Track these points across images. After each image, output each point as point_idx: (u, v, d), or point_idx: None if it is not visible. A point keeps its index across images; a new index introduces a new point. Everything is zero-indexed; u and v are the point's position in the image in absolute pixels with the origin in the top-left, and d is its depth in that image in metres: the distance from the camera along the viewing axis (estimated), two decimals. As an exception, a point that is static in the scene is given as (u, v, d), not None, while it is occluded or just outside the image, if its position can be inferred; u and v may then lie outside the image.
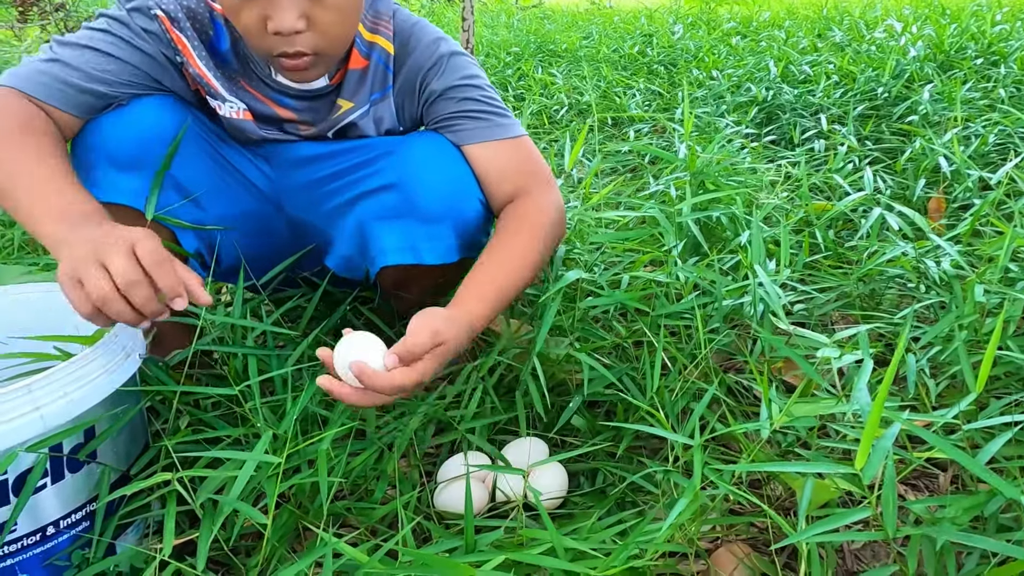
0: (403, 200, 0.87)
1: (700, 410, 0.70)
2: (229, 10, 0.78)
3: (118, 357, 0.70)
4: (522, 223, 0.87)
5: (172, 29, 0.84)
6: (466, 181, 0.88)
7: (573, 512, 0.83)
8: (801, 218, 1.35)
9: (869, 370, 0.62)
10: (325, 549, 0.61)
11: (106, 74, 0.81)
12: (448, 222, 0.87)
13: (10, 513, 0.63)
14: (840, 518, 0.57)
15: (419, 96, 0.92)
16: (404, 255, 0.88)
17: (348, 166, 0.92)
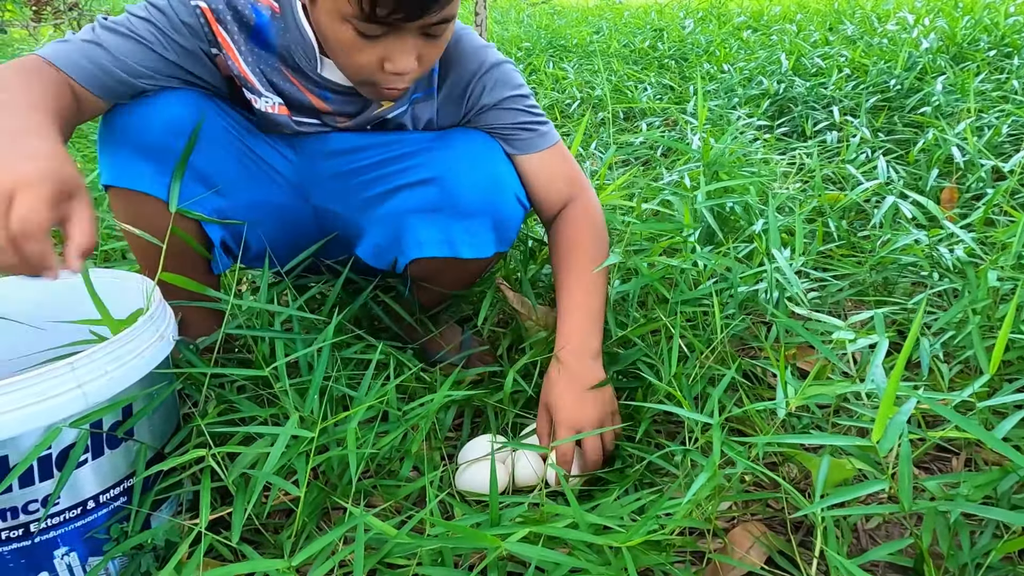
0: (442, 194, 0.89)
1: (720, 391, 0.72)
2: (340, 49, 0.78)
3: (153, 339, 0.72)
4: (582, 233, 0.94)
5: (216, 25, 0.85)
6: (505, 177, 0.91)
7: (591, 491, 0.85)
8: (814, 208, 1.36)
9: (885, 348, 0.64)
10: (355, 522, 0.63)
11: (143, 67, 0.83)
12: (486, 217, 0.90)
13: (54, 486, 0.66)
14: (856, 490, 0.58)
15: (465, 103, 0.94)
16: (441, 248, 0.91)
17: (383, 159, 0.94)
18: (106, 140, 0.86)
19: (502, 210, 0.91)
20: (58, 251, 0.62)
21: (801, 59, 2.46)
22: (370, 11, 0.72)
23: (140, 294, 0.83)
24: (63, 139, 0.70)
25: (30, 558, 0.67)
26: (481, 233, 0.91)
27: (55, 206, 0.60)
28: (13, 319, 0.86)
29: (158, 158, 0.85)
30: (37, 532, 0.67)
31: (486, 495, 0.82)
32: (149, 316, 0.73)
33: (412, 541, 0.64)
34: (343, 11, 0.73)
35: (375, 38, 0.76)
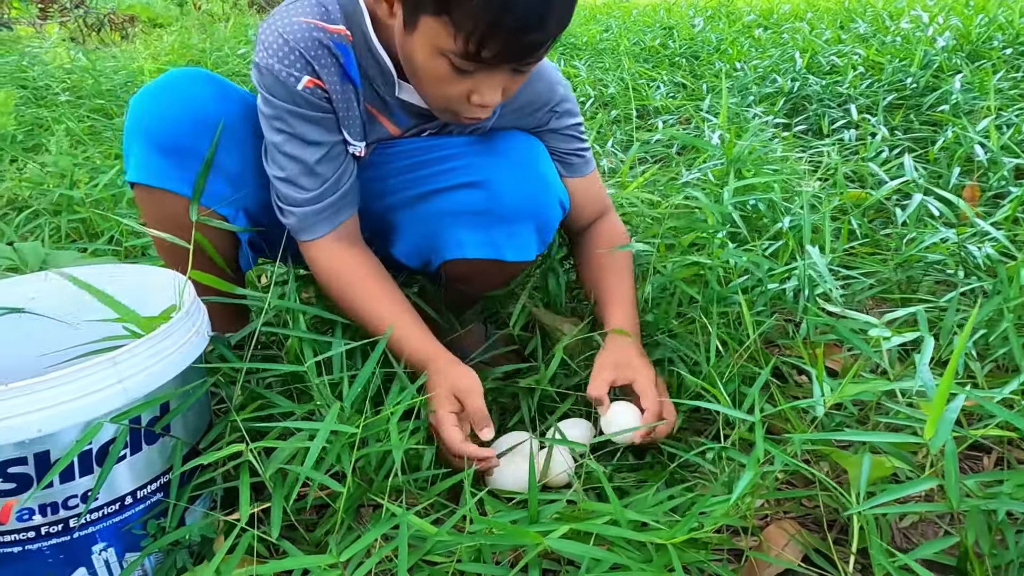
0: (488, 198, 0.89)
1: (757, 388, 0.72)
2: (431, 80, 0.78)
3: (189, 334, 0.72)
4: (616, 238, 1.04)
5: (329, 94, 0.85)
6: (550, 180, 0.91)
7: (622, 487, 0.84)
8: (836, 206, 1.35)
9: (931, 348, 0.63)
10: (397, 521, 0.63)
11: (338, 160, 0.88)
12: (530, 221, 0.90)
13: (93, 482, 0.66)
14: (903, 489, 0.58)
15: (534, 123, 0.97)
16: (483, 250, 0.91)
17: (424, 160, 0.93)
18: (132, 136, 0.86)
19: (546, 213, 0.91)
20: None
21: (815, 57, 2.45)
22: (475, 52, 0.72)
23: (171, 290, 0.82)
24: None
25: (69, 553, 0.67)
26: (524, 236, 0.91)
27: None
28: (45, 315, 0.86)
29: (184, 155, 0.85)
30: (76, 527, 0.67)
31: (515, 492, 0.82)
32: (185, 312, 0.73)
33: (453, 539, 0.63)
34: (444, 47, 0.73)
35: (468, 73, 0.76)
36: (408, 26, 0.75)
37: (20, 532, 0.65)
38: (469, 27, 0.70)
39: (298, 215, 0.88)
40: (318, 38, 0.82)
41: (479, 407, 0.83)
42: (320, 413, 0.77)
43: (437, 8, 0.70)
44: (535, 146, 0.93)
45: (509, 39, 0.71)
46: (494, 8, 0.68)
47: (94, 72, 3.01)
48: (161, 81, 0.86)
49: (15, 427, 0.59)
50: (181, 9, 6.35)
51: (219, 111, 0.86)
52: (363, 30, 0.84)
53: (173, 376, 0.69)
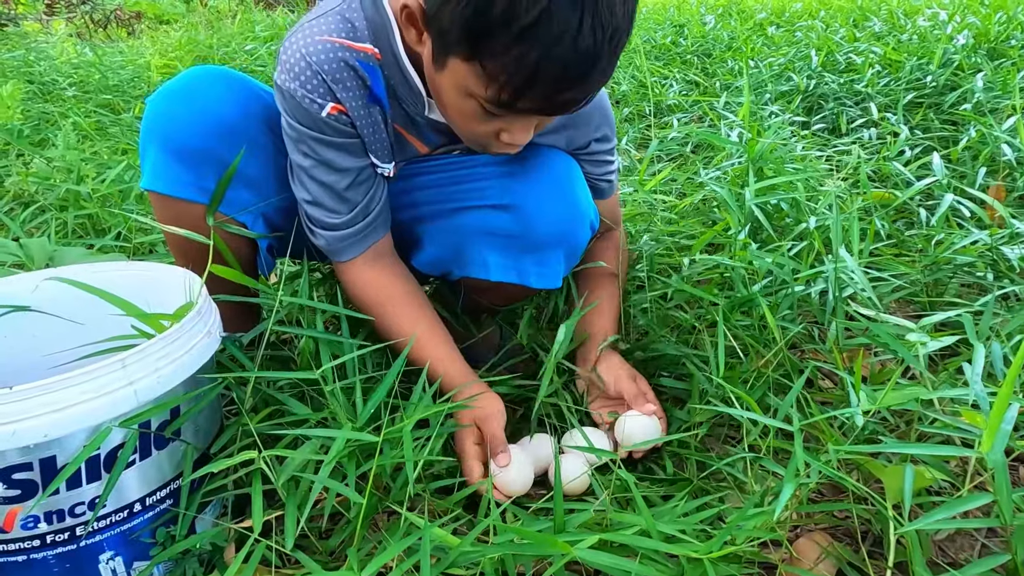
0: (518, 223, 0.85)
1: (793, 395, 0.69)
2: (462, 117, 0.74)
3: (201, 335, 0.70)
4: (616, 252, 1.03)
5: (353, 119, 0.81)
6: (582, 205, 0.87)
7: (649, 496, 0.81)
8: (859, 206, 1.32)
9: (983, 357, 0.60)
10: (418, 533, 0.61)
11: (367, 184, 0.85)
12: (560, 248, 0.87)
13: (101, 488, 0.63)
14: (955, 506, 0.55)
15: (572, 146, 0.93)
16: (508, 274, 0.88)
17: (452, 176, 0.90)
18: (149, 142, 0.83)
19: (577, 239, 0.88)
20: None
21: (831, 55, 2.41)
22: (508, 102, 0.67)
23: (180, 289, 0.80)
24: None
25: (75, 562, 0.65)
26: (552, 264, 0.88)
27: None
28: (51, 313, 0.84)
29: (201, 161, 0.82)
30: (83, 536, 0.64)
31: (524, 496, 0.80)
32: (197, 312, 0.70)
33: (477, 549, 0.61)
34: (474, 92, 0.69)
35: (498, 116, 0.72)
36: (437, 62, 0.70)
37: (25, 540, 0.62)
38: (502, 79, 0.65)
39: (328, 239, 0.86)
40: (343, 59, 0.77)
41: (494, 434, 0.82)
42: (334, 419, 0.74)
43: (468, 53, 0.65)
44: (571, 168, 0.88)
45: (545, 96, 0.66)
46: (530, 63, 0.62)
47: (101, 67, 2.99)
48: (178, 83, 0.83)
49: (20, 432, 0.56)
50: (187, 5, 6.33)
51: (237, 114, 0.83)
52: (392, 47, 0.78)
53: (185, 379, 0.66)
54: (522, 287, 0.90)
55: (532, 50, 0.62)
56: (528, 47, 0.62)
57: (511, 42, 0.62)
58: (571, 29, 0.61)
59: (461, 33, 0.64)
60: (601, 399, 0.93)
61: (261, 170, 0.87)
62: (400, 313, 0.88)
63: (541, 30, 0.61)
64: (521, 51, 0.62)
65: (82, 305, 0.84)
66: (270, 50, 3.29)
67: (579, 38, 0.61)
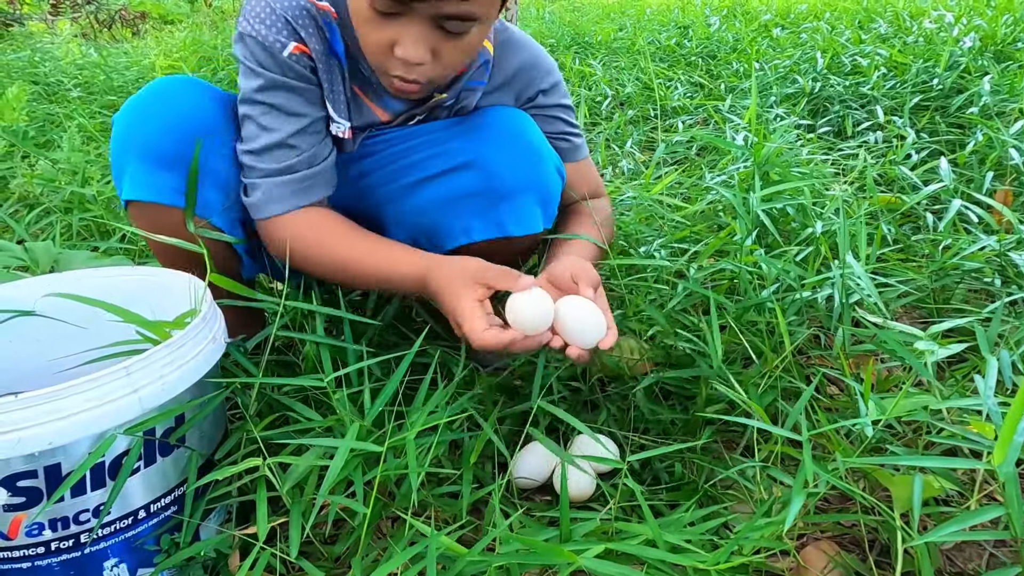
0: (483, 177, 0.85)
1: (802, 403, 0.68)
2: (358, 21, 0.77)
3: (206, 342, 0.69)
4: (599, 213, 0.99)
5: (316, 62, 0.83)
6: (544, 149, 0.88)
7: (655, 506, 0.81)
8: (865, 211, 1.31)
9: (995, 370, 0.60)
10: (425, 542, 0.60)
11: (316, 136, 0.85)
12: (531, 193, 0.87)
13: (106, 496, 0.63)
14: (966, 519, 0.54)
15: (519, 95, 0.95)
16: (489, 230, 0.87)
17: (407, 147, 0.90)
18: (122, 153, 0.83)
19: (545, 182, 0.88)
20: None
21: (837, 57, 2.40)
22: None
23: (184, 293, 0.80)
24: None
25: (79, 570, 0.65)
26: (527, 209, 0.87)
27: None
28: (55, 318, 0.84)
29: (177, 167, 0.82)
30: (88, 543, 0.64)
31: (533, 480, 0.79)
32: (202, 318, 0.70)
33: (484, 559, 0.60)
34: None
35: (388, 16, 0.74)
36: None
37: (29, 548, 0.62)
38: None
39: (264, 187, 0.84)
40: (305, 7, 0.82)
41: (500, 271, 0.76)
42: (338, 425, 0.74)
43: None
44: (521, 117, 0.89)
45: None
46: None
47: (106, 68, 2.99)
48: (146, 93, 0.83)
49: (25, 439, 0.56)
50: (192, 6, 6.34)
51: (211, 117, 0.83)
52: (348, 9, 0.81)
53: (189, 386, 0.66)
54: (508, 249, 0.90)
55: None
56: None
57: None
58: None
59: None
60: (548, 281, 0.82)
61: (238, 172, 0.87)
62: (337, 240, 0.84)
63: None
64: None
65: (86, 309, 0.84)
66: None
67: None
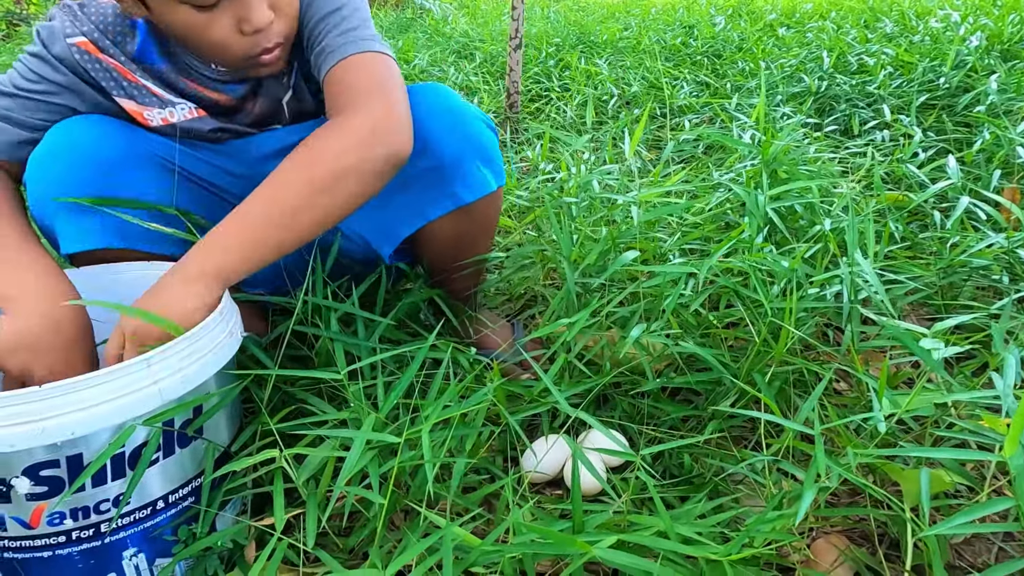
0: (428, 156, 0.84)
1: (814, 398, 0.69)
2: (193, 28, 0.74)
3: (223, 335, 0.70)
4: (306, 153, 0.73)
5: (100, 54, 0.81)
6: (465, 109, 0.86)
7: (666, 498, 0.82)
8: (873, 209, 1.32)
9: (1014, 367, 0.60)
10: (439, 533, 0.61)
11: (40, 120, 0.81)
12: (472, 157, 0.86)
13: (125, 486, 0.64)
14: (975, 511, 0.55)
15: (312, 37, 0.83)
16: (444, 204, 0.87)
17: None
18: (51, 212, 0.79)
19: (481, 142, 0.87)
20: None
21: (843, 56, 2.40)
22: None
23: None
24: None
25: (99, 559, 0.66)
26: (474, 172, 0.87)
27: None
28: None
29: (96, 210, 0.80)
30: (108, 532, 0.65)
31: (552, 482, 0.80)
32: (219, 312, 0.71)
33: (496, 549, 0.61)
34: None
35: (213, 6, 0.73)
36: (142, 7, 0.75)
37: (51, 536, 0.63)
38: None
39: None
40: (104, 20, 0.81)
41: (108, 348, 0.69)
42: (352, 419, 0.74)
43: None
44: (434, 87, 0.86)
45: None
46: None
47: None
48: (48, 143, 0.79)
49: (48, 429, 0.57)
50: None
51: (119, 148, 0.81)
52: (176, 34, 0.79)
53: (208, 378, 0.67)
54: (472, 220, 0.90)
55: None
56: None
57: None
58: None
59: None
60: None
61: (166, 197, 0.86)
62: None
63: None
64: None
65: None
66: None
67: None
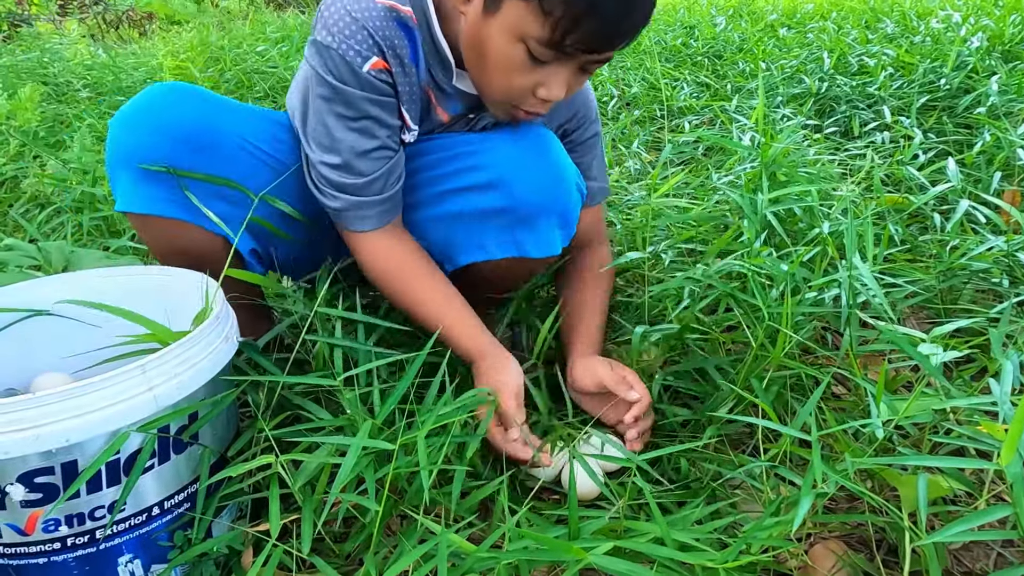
0: (504, 197, 0.86)
1: (812, 403, 0.69)
2: (504, 67, 0.76)
3: (219, 340, 0.70)
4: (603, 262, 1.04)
5: (394, 77, 0.83)
6: (567, 169, 0.88)
7: (663, 504, 0.81)
8: (873, 211, 1.31)
9: (1011, 373, 0.60)
10: (434, 539, 0.61)
11: (389, 153, 0.86)
12: (552, 215, 0.87)
13: (120, 492, 0.64)
14: (973, 519, 0.55)
15: (556, 124, 0.97)
16: (507, 249, 0.88)
17: (438, 159, 0.91)
18: (116, 165, 0.82)
19: (566, 203, 0.88)
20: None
21: (843, 57, 2.40)
22: (560, 39, 0.71)
23: (196, 292, 0.80)
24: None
25: (94, 565, 0.66)
26: (546, 231, 0.88)
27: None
28: (73, 318, 0.85)
29: (167, 177, 0.82)
30: (103, 539, 0.65)
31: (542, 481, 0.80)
32: (214, 318, 0.70)
33: (493, 555, 0.61)
34: (527, 32, 0.72)
35: (542, 64, 0.75)
36: (489, 9, 0.74)
37: (46, 543, 0.63)
38: (559, 12, 0.69)
39: (344, 202, 0.86)
40: (387, 17, 0.80)
41: (505, 406, 0.82)
42: (349, 425, 0.74)
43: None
44: (547, 135, 0.89)
45: (597, 28, 0.70)
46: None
47: (114, 68, 3.01)
48: (138, 103, 0.82)
49: (43, 436, 0.57)
50: (199, 6, 6.37)
51: (201, 126, 0.82)
52: (426, 15, 0.82)
53: (203, 384, 0.67)
54: (524, 267, 0.91)
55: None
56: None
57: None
58: None
59: None
60: (588, 399, 0.93)
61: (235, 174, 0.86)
62: (417, 283, 0.89)
63: None
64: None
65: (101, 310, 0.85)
66: (281, 51, 3.31)
67: None
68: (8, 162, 1.82)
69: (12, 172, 1.77)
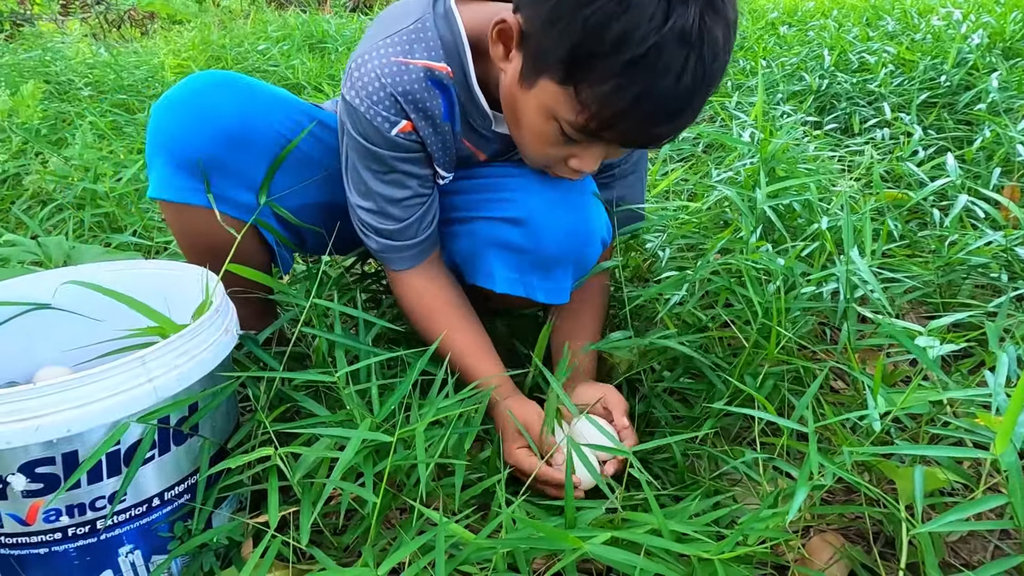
0: (527, 238, 0.85)
1: (809, 396, 0.69)
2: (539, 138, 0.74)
3: (219, 333, 0.71)
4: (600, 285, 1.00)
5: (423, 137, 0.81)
6: (595, 224, 0.87)
7: (660, 495, 0.82)
8: (872, 207, 1.31)
9: (1006, 365, 0.60)
10: (434, 529, 0.61)
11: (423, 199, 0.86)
12: (568, 265, 0.87)
13: (120, 483, 0.64)
14: (967, 509, 0.55)
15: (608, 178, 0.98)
16: (514, 287, 0.88)
17: (472, 185, 0.91)
18: (154, 151, 0.83)
19: (586, 256, 0.88)
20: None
21: (844, 55, 2.40)
22: (595, 130, 0.68)
23: (197, 286, 0.81)
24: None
25: (95, 555, 0.66)
26: (560, 280, 0.88)
27: None
28: (70, 310, 0.85)
29: (206, 170, 0.82)
30: (103, 529, 0.65)
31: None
32: (214, 310, 0.71)
33: (491, 544, 0.61)
34: (561, 115, 0.69)
35: (576, 142, 0.73)
36: (526, 81, 0.70)
37: (47, 533, 0.63)
38: (595, 108, 0.65)
39: (382, 245, 0.87)
40: (418, 79, 0.77)
41: (541, 438, 0.82)
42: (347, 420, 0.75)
43: (564, 76, 0.65)
44: (584, 184, 0.88)
45: (634, 129, 0.67)
46: (628, 96, 0.62)
47: (116, 67, 3.02)
48: (181, 91, 0.82)
49: (44, 427, 0.57)
50: (200, 5, 6.37)
51: (241, 121, 0.82)
52: (463, 65, 0.78)
53: (203, 375, 0.67)
54: (527, 301, 0.90)
55: (633, 84, 0.62)
56: (630, 80, 0.61)
57: (614, 72, 0.62)
58: (676, 67, 0.61)
59: (562, 56, 0.64)
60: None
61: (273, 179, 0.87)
62: (444, 321, 0.89)
63: (647, 64, 0.60)
64: (621, 83, 0.62)
65: (100, 302, 0.86)
66: (282, 50, 3.31)
67: (682, 76, 0.61)
68: (10, 159, 1.82)
69: (14, 169, 1.78)
